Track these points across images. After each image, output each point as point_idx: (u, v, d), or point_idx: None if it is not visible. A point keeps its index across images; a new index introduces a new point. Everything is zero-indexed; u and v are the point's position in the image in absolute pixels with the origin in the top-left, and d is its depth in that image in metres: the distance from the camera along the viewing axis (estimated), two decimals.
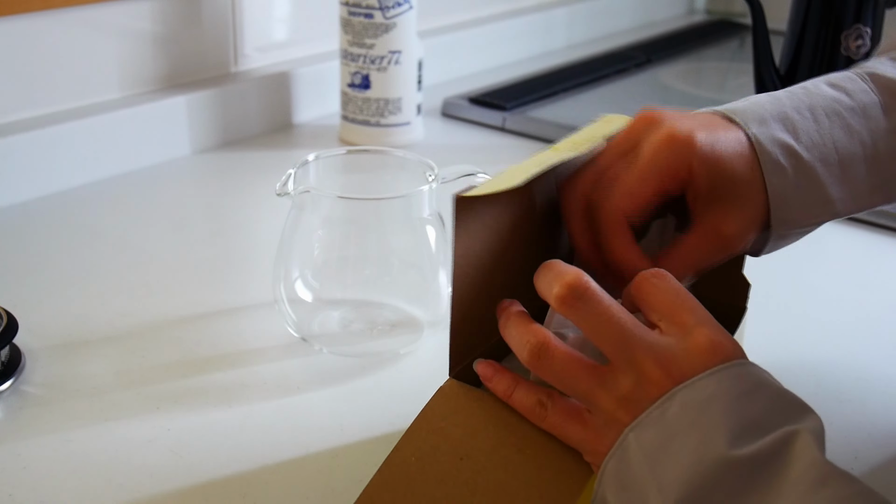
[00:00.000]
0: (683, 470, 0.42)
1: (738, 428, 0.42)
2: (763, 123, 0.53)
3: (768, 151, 0.52)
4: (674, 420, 0.43)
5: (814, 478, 0.40)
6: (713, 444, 0.42)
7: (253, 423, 0.60)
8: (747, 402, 0.43)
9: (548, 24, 1.45)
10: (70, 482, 0.54)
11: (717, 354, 0.44)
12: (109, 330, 0.69)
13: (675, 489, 0.42)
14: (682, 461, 0.42)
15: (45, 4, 0.90)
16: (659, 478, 0.43)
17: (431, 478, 0.47)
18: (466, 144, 1.10)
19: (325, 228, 0.68)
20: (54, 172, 0.92)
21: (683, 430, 0.43)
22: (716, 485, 0.41)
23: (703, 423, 0.42)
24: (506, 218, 0.53)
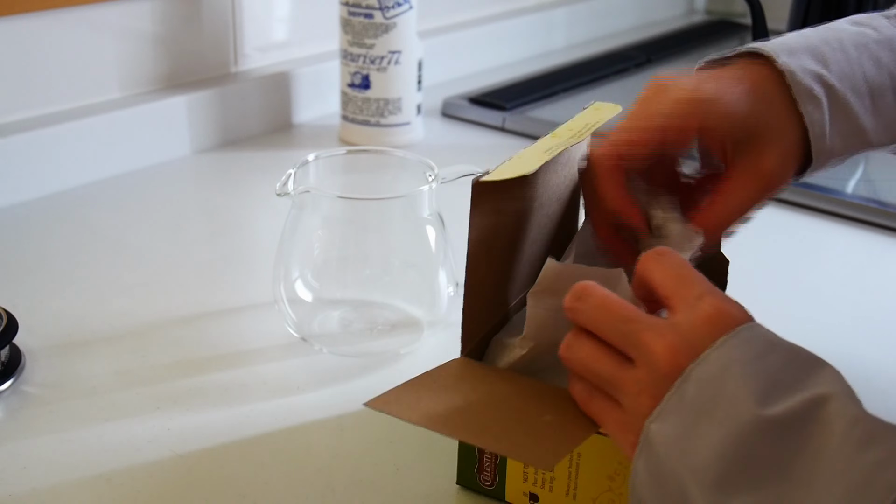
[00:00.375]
0: (715, 447, 0.40)
1: (763, 389, 0.40)
2: (792, 54, 0.52)
3: (801, 80, 0.51)
4: (693, 400, 0.41)
5: (858, 436, 0.38)
6: (741, 410, 0.40)
7: (253, 423, 0.60)
8: (764, 363, 0.41)
9: (548, 24, 1.45)
10: (70, 482, 0.54)
11: (724, 323, 0.43)
12: (109, 330, 0.69)
13: (711, 470, 0.40)
14: (712, 439, 0.40)
15: (45, 4, 0.90)
16: (692, 464, 0.40)
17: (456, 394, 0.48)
18: (466, 144, 1.10)
19: (325, 228, 0.68)
20: (54, 172, 0.92)
21: (706, 408, 0.41)
22: (753, 450, 0.39)
23: (725, 394, 0.41)
24: (516, 203, 0.54)
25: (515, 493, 0.53)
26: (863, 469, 0.37)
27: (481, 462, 0.53)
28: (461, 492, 0.55)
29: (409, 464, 0.57)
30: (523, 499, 0.53)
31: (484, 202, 0.51)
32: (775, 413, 0.40)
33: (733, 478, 0.40)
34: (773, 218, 0.92)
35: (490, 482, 0.53)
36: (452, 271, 0.68)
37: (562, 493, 0.51)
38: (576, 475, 0.51)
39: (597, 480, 0.50)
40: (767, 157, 0.52)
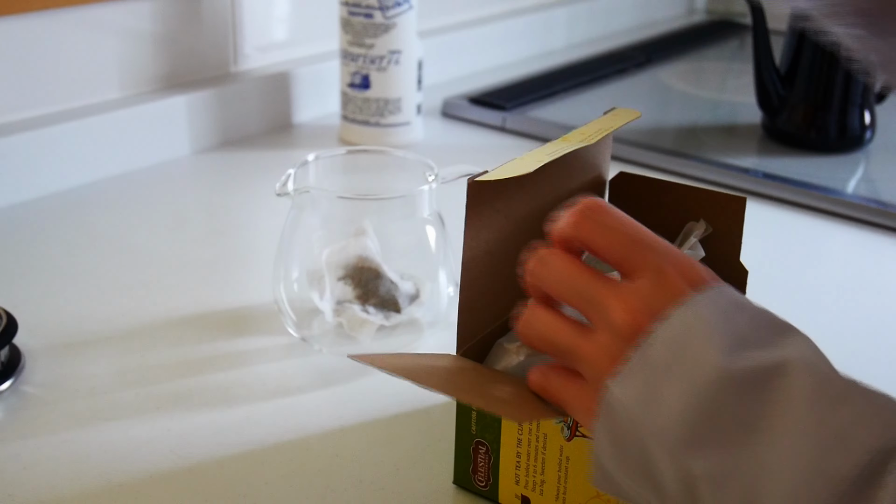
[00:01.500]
0: (679, 405, 0.38)
1: (729, 345, 0.39)
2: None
3: None
4: (657, 361, 0.39)
5: (830, 394, 0.37)
6: (706, 366, 0.38)
7: (253, 423, 0.60)
8: (731, 323, 0.40)
9: (548, 24, 1.45)
10: (70, 482, 0.54)
11: (690, 285, 0.41)
12: (109, 330, 0.69)
13: (675, 429, 0.38)
14: (675, 397, 0.38)
15: (45, 4, 0.90)
16: (655, 425, 0.39)
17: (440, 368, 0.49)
18: (466, 144, 1.10)
19: (325, 228, 0.68)
20: (54, 172, 0.92)
21: (670, 367, 0.39)
22: (718, 406, 0.38)
23: (689, 352, 0.39)
24: (517, 204, 0.54)
25: (508, 495, 0.53)
26: (836, 427, 0.36)
27: (475, 462, 0.53)
28: (461, 493, 0.54)
29: (409, 464, 0.57)
30: (515, 501, 0.53)
31: (480, 202, 0.51)
32: (742, 367, 0.38)
33: (698, 436, 0.38)
34: (774, 218, 0.92)
35: (484, 483, 0.53)
36: (452, 271, 0.68)
37: (552, 497, 0.51)
38: (565, 479, 0.51)
39: (586, 485, 0.50)
40: None
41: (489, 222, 0.52)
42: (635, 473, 0.41)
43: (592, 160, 0.61)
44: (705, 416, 0.38)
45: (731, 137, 1.13)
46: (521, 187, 0.54)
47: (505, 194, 0.53)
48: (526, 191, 0.54)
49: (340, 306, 0.67)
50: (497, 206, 0.52)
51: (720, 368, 0.38)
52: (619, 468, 0.41)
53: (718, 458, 0.37)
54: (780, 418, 0.37)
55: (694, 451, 0.38)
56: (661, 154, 1.04)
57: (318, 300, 0.67)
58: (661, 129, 1.14)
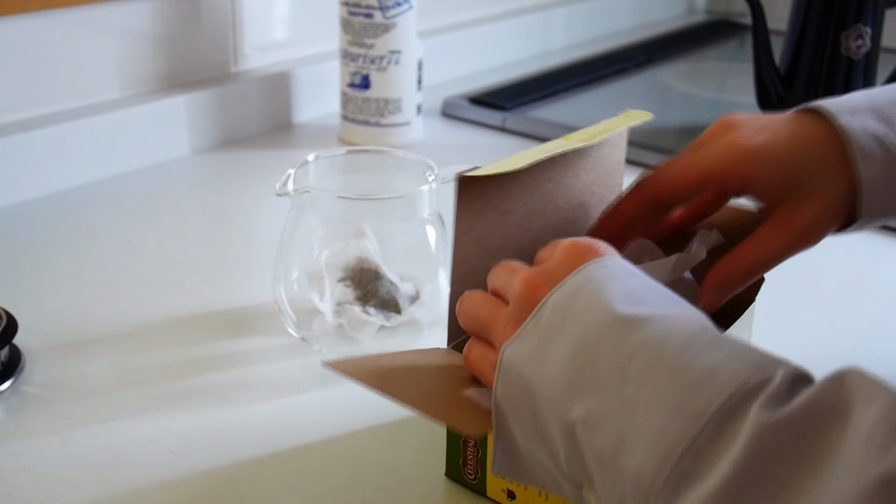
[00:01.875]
0: (563, 358, 0.40)
1: (616, 297, 0.41)
2: (854, 113, 0.53)
3: (857, 140, 0.51)
4: (548, 321, 0.42)
5: (705, 341, 0.39)
6: (592, 314, 0.40)
7: (253, 423, 0.60)
8: (620, 282, 0.42)
9: (548, 24, 1.45)
10: (70, 482, 0.54)
11: (584, 253, 0.44)
12: (109, 330, 0.69)
13: (558, 381, 0.40)
14: (559, 349, 0.40)
15: (45, 4, 0.90)
16: (541, 379, 0.41)
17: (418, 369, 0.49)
18: (466, 144, 1.10)
19: (325, 228, 0.68)
20: (54, 172, 0.92)
21: (558, 324, 0.41)
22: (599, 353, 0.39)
23: (578, 307, 0.41)
24: (515, 201, 0.54)
25: (495, 488, 0.53)
26: (704, 367, 0.37)
27: (465, 456, 0.54)
28: (461, 492, 0.54)
29: (408, 464, 0.57)
30: (502, 495, 0.53)
31: (471, 197, 0.51)
32: (623, 312, 0.40)
33: (577, 384, 0.39)
34: None
35: (473, 476, 0.54)
36: None
37: (535, 493, 0.52)
38: None
39: None
40: (803, 213, 0.52)
41: (481, 217, 0.52)
42: (531, 435, 0.42)
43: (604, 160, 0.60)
44: (585, 363, 0.40)
45: None
46: (519, 184, 0.54)
47: (499, 191, 0.53)
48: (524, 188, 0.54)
49: (341, 307, 0.67)
50: (491, 202, 0.52)
51: (603, 316, 0.40)
52: (518, 428, 0.43)
53: (594, 402, 0.39)
54: (651, 359, 0.38)
55: (573, 399, 0.39)
56: (661, 154, 1.04)
57: (318, 301, 0.67)
58: (661, 129, 1.14)
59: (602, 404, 0.39)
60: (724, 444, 0.35)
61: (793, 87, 1.06)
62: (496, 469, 0.45)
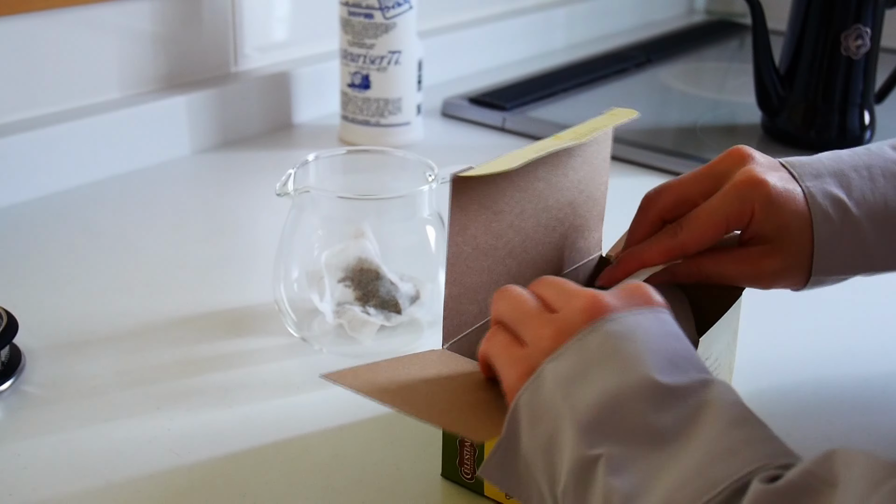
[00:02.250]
0: (600, 392, 0.41)
1: (661, 361, 0.42)
2: (818, 177, 0.57)
3: (818, 203, 0.55)
4: (594, 350, 0.43)
5: (734, 416, 0.41)
6: (636, 368, 0.42)
7: (253, 423, 0.60)
8: (668, 343, 0.44)
9: (548, 24, 1.45)
10: (70, 482, 0.54)
11: (643, 298, 0.46)
12: (109, 330, 0.69)
13: (590, 412, 0.41)
14: (599, 385, 0.42)
15: (45, 4, 0.90)
16: (573, 403, 0.42)
17: (415, 368, 0.49)
18: (466, 144, 1.10)
19: (325, 228, 0.68)
20: (54, 172, 0.92)
21: (604, 358, 0.42)
22: (636, 407, 0.41)
23: (626, 351, 0.42)
24: (508, 200, 0.54)
25: (492, 487, 0.53)
26: (728, 443, 0.39)
27: (461, 455, 0.54)
28: (462, 492, 0.55)
29: (408, 463, 0.57)
30: (500, 494, 0.53)
31: (465, 197, 0.51)
32: (666, 381, 0.41)
33: (609, 425, 0.41)
34: None
35: (470, 475, 0.54)
36: None
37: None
38: None
39: None
40: (775, 260, 0.56)
41: (475, 217, 0.52)
42: (540, 451, 0.43)
43: (591, 158, 0.61)
44: (621, 410, 0.41)
45: (730, 137, 1.13)
46: (511, 183, 0.54)
47: (493, 190, 0.53)
48: (516, 187, 0.54)
49: (341, 308, 0.67)
50: (485, 202, 0.53)
51: (646, 377, 0.41)
52: (529, 434, 0.43)
53: (620, 449, 0.40)
54: (684, 428, 0.40)
55: (600, 437, 0.40)
56: (660, 154, 1.04)
57: (318, 302, 0.67)
58: (661, 129, 1.14)
59: (628, 455, 0.40)
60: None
61: (792, 87, 1.07)
62: (486, 469, 0.45)
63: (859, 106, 1.05)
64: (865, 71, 1.04)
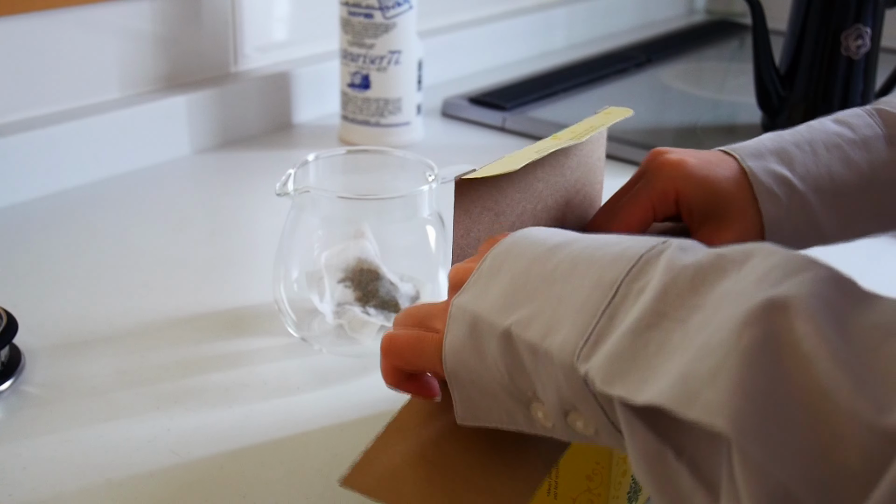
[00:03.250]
0: (500, 288, 0.43)
1: (550, 237, 0.44)
2: (759, 157, 0.57)
3: (762, 181, 0.56)
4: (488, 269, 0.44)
5: (626, 238, 0.42)
6: (530, 251, 0.43)
7: (253, 423, 0.60)
8: (550, 232, 0.46)
9: (548, 24, 1.45)
10: (70, 482, 0.54)
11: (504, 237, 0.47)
12: (109, 330, 0.69)
13: (495, 303, 0.42)
14: (499, 284, 0.43)
15: (46, 4, 0.90)
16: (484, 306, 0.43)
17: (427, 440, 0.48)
18: (466, 144, 1.10)
19: (325, 228, 0.68)
20: (54, 172, 0.92)
21: (499, 268, 0.44)
22: (531, 274, 0.42)
23: (516, 253, 0.44)
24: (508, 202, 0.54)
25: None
26: (616, 250, 0.41)
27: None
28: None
29: None
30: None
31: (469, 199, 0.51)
32: (555, 242, 0.43)
33: (512, 301, 0.42)
34: None
35: None
36: None
37: (543, 492, 0.52)
38: (556, 475, 0.51)
39: (576, 480, 0.51)
40: (725, 234, 0.56)
41: (479, 220, 0.52)
42: (479, 366, 0.43)
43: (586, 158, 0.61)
44: (519, 285, 0.43)
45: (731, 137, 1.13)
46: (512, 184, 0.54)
47: (495, 192, 0.53)
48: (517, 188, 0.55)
49: (341, 308, 0.67)
50: (487, 204, 0.53)
51: (536, 248, 0.44)
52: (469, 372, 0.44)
53: (526, 309, 0.41)
54: (573, 261, 0.42)
55: (508, 312, 0.42)
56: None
57: (319, 302, 0.67)
58: (661, 129, 1.14)
59: (532, 309, 0.41)
60: (633, 299, 0.38)
61: (793, 87, 1.07)
62: (460, 417, 0.45)
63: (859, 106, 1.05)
64: (865, 71, 1.05)
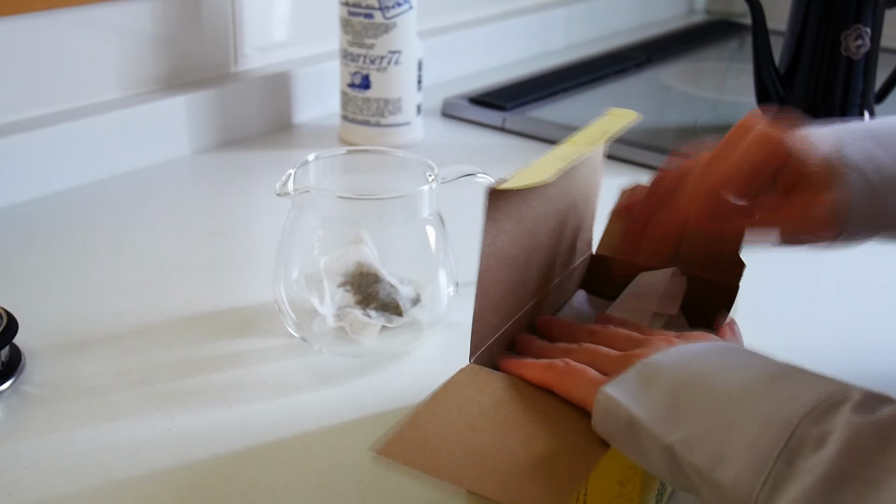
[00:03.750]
0: (666, 393, 0.45)
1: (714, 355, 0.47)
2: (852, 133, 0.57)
3: (852, 158, 0.55)
4: (645, 373, 0.47)
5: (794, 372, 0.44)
6: (693, 367, 0.46)
7: (253, 423, 0.60)
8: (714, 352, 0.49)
9: (548, 24, 1.45)
10: (70, 482, 0.54)
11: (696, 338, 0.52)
12: (109, 330, 0.69)
13: (661, 411, 0.44)
14: (662, 389, 0.45)
15: (46, 4, 0.90)
16: (642, 410, 0.45)
17: (462, 425, 0.47)
18: (466, 144, 1.10)
19: (325, 228, 0.68)
20: (54, 172, 0.92)
21: (657, 375, 0.46)
22: (694, 390, 0.45)
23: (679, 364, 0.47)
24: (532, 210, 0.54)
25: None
26: (789, 390, 0.42)
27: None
28: (462, 492, 0.54)
29: None
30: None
31: (499, 209, 0.51)
32: (718, 364, 0.46)
33: (675, 415, 0.44)
34: None
35: None
36: (452, 271, 0.68)
37: (573, 499, 0.50)
38: (585, 483, 0.50)
39: (607, 486, 0.49)
40: (820, 203, 0.55)
41: (503, 229, 0.52)
42: (639, 458, 0.46)
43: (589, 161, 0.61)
44: (682, 399, 0.44)
45: None
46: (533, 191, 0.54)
47: (521, 201, 0.53)
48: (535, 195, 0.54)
49: (342, 311, 0.67)
50: (513, 213, 0.53)
51: (700, 366, 0.46)
52: (629, 453, 0.46)
53: (691, 428, 0.43)
54: (743, 390, 0.43)
55: (672, 426, 0.43)
56: (661, 154, 1.04)
57: (319, 305, 0.67)
58: (661, 129, 1.14)
59: (699, 429, 0.43)
60: (813, 448, 0.39)
61: (792, 87, 1.07)
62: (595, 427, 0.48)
63: (859, 106, 1.05)
64: (865, 71, 1.05)
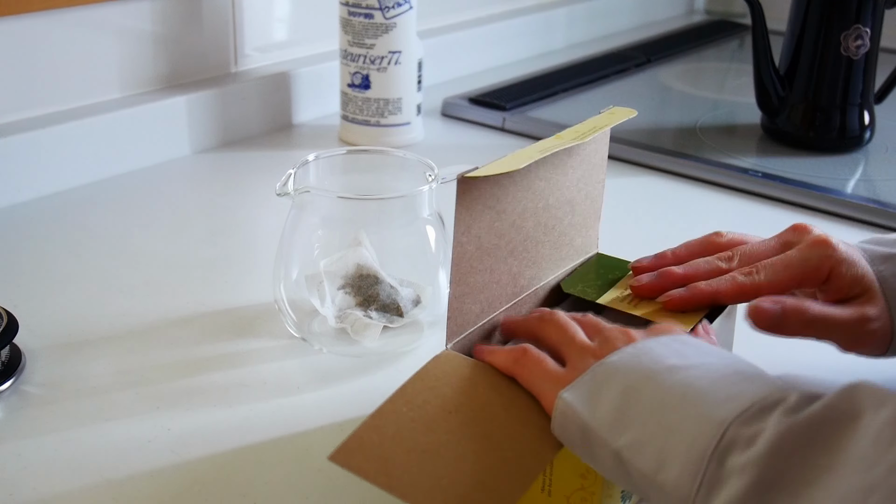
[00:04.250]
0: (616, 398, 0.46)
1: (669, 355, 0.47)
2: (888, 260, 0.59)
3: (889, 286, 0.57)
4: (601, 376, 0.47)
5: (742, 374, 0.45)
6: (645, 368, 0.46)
7: (253, 423, 0.60)
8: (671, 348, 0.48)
9: (548, 24, 1.45)
10: (70, 482, 0.54)
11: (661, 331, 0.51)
12: (109, 330, 0.69)
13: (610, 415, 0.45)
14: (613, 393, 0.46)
15: (46, 4, 0.90)
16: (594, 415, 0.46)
17: (420, 425, 0.48)
18: (466, 144, 1.10)
19: (325, 228, 0.68)
20: (54, 172, 0.92)
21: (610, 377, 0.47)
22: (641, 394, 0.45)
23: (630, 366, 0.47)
24: (510, 200, 0.54)
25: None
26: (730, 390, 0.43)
27: None
28: None
29: None
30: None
31: (470, 197, 0.51)
32: (670, 364, 0.46)
33: (623, 419, 0.45)
34: (773, 218, 0.92)
35: None
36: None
37: (538, 489, 0.52)
38: (550, 472, 0.51)
39: (570, 478, 0.51)
40: (871, 308, 0.57)
41: (479, 218, 0.53)
42: (590, 460, 0.47)
43: (589, 157, 0.61)
44: (631, 402, 0.45)
45: (730, 137, 1.13)
46: (514, 183, 0.54)
47: (496, 190, 0.53)
48: (519, 187, 0.55)
49: (342, 313, 0.67)
50: (489, 202, 0.53)
51: (652, 366, 0.46)
52: (582, 455, 0.48)
53: (637, 432, 0.44)
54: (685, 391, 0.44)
55: (620, 431, 0.45)
56: (660, 154, 1.04)
57: (320, 306, 0.67)
58: (661, 129, 1.14)
59: (644, 433, 0.44)
60: (742, 448, 0.40)
61: (792, 87, 1.07)
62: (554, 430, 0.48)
63: (859, 106, 1.05)
64: (865, 71, 1.05)
